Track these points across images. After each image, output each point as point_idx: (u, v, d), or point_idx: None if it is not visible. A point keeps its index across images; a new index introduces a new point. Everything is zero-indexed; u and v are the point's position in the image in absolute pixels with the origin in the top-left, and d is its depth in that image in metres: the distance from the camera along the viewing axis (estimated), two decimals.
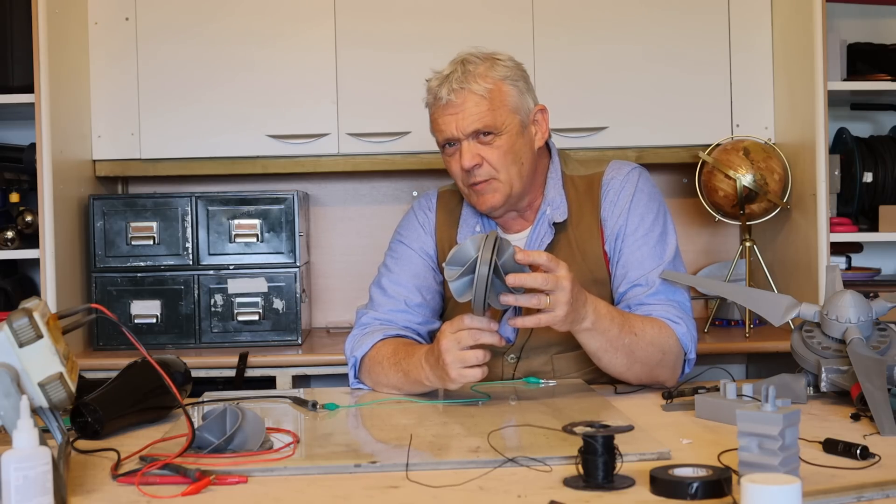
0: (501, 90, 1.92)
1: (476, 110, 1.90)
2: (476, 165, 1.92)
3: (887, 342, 1.71)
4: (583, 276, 1.96)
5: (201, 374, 2.68)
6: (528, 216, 2.04)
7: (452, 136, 1.92)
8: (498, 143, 1.92)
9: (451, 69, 1.93)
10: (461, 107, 1.90)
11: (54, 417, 1.33)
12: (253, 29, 3.01)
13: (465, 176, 1.94)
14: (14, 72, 2.79)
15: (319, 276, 3.28)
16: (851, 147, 2.95)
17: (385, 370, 1.89)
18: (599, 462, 1.24)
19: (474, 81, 1.90)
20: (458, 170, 1.95)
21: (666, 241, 1.97)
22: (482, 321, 1.69)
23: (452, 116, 1.91)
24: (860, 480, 1.24)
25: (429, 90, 1.96)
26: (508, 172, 1.93)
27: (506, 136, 1.92)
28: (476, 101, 1.90)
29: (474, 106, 1.90)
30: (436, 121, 1.95)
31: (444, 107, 1.92)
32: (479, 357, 1.70)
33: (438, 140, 1.97)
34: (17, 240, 2.82)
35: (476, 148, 1.92)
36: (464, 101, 1.90)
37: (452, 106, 1.91)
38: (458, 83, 1.90)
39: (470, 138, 1.91)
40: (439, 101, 1.92)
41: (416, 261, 2.07)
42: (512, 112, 1.93)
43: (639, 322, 1.83)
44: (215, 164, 3.05)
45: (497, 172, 1.93)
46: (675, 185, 3.28)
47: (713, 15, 3.03)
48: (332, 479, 1.33)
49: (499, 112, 1.91)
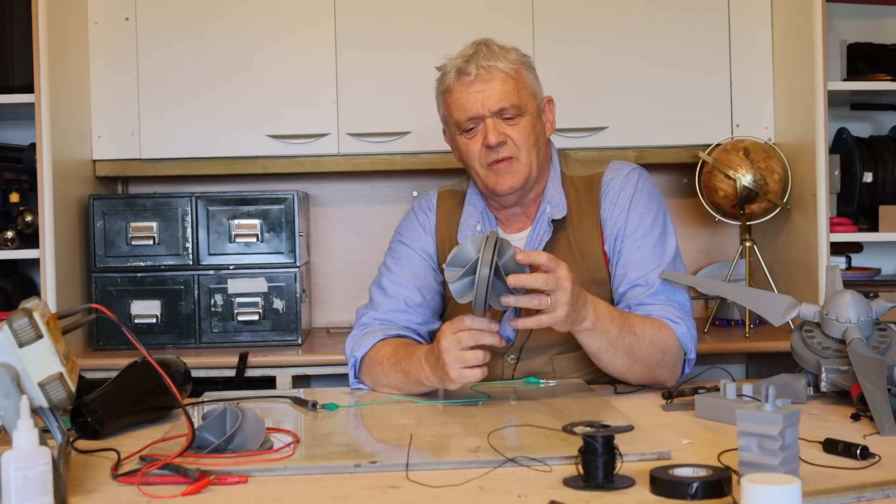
0: (521, 72, 1.94)
1: (502, 88, 1.90)
2: (501, 143, 1.91)
3: (887, 342, 1.71)
4: (582, 277, 1.96)
5: (201, 374, 2.68)
6: (529, 213, 2.04)
7: (477, 114, 1.91)
8: (522, 124, 1.93)
9: (475, 49, 1.93)
10: (488, 83, 1.90)
11: (54, 417, 1.33)
12: (253, 29, 3.01)
13: (485, 155, 1.93)
14: (14, 72, 2.79)
15: (319, 276, 3.28)
16: (851, 147, 2.95)
17: (385, 370, 1.88)
18: (599, 462, 1.24)
19: (501, 60, 1.92)
20: (478, 150, 1.94)
21: (666, 241, 1.97)
22: (482, 322, 1.69)
23: (479, 94, 1.90)
24: (860, 480, 1.24)
25: (447, 71, 1.95)
26: (529, 154, 1.94)
27: (528, 118, 1.93)
28: (503, 79, 1.91)
29: (501, 84, 1.90)
30: (458, 99, 1.93)
31: (469, 83, 1.91)
32: (478, 357, 1.70)
33: (459, 120, 1.94)
34: (17, 240, 2.82)
35: (500, 126, 1.92)
36: (491, 78, 1.90)
37: (480, 82, 1.90)
38: (485, 60, 1.90)
39: (494, 117, 1.91)
40: (465, 78, 1.91)
41: (416, 261, 2.06)
42: (531, 94, 1.96)
43: (639, 322, 1.83)
44: (215, 164, 3.05)
45: (519, 152, 1.93)
46: (675, 185, 3.28)
47: (713, 15, 3.03)
48: (332, 479, 1.33)
49: (522, 92, 1.93)
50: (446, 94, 1.96)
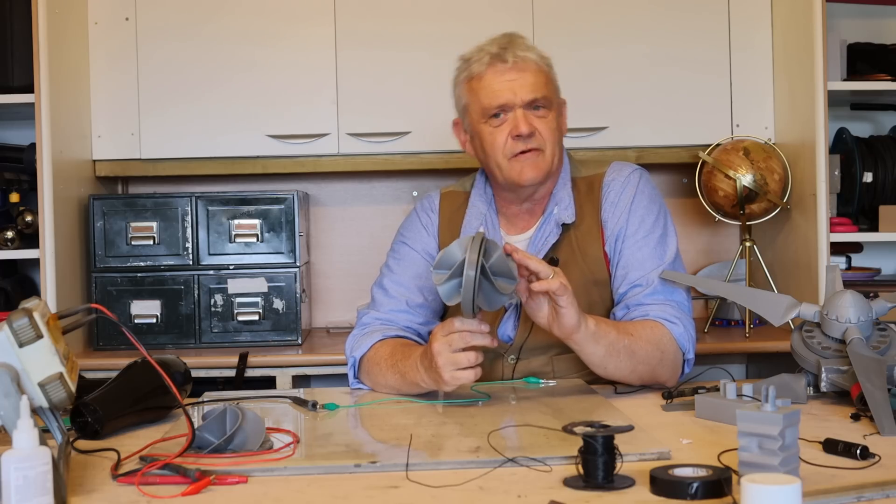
0: (549, 70, 1.97)
1: (535, 80, 1.92)
2: (531, 133, 1.92)
3: (887, 342, 1.71)
4: (583, 277, 1.96)
5: (201, 374, 2.68)
6: (535, 213, 2.04)
7: (508, 102, 1.91)
8: (549, 118, 1.94)
9: (508, 40, 1.94)
10: (523, 73, 1.91)
11: (54, 417, 1.33)
12: (253, 29, 3.01)
13: (511, 146, 1.93)
14: (14, 72, 2.79)
15: (319, 276, 3.28)
16: (851, 147, 2.95)
17: (383, 371, 1.89)
18: (599, 462, 1.24)
19: (534, 53, 1.93)
20: (503, 140, 1.93)
21: (666, 242, 1.97)
22: (472, 323, 1.68)
23: (511, 82, 1.91)
24: (860, 480, 1.24)
25: (476, 57, 1.94)
26: (553, 149, 1.95)
27: (554, 113, 1.96)
28: (536, 71, 1.92)
29: (534, 75, 1.92)
30: (489, 85, 1.92)
31: (504, 70, 1.91)
32: (471, 359, 1.69)
33: (487, 105, 1.93)
34: (17, 240, 2.82)
35: (530, 117, 1.92)
36: (526, 69, 1.91)
37: (516, 70, 1.91)
38: (521, 51, 1.92)
39: (524, 107, 1.91)
40: (500, 65, 1.91)
41: (418, 261, 2.06)
42: (556, 91, 1.98)
43: (631, 325, 1.84)
44: (215, 164, 3.05)
45: (545, 144, 1.94)
46: (675, 185, 3.28)
47: (713, 15, 3.03)
48: (332, 479, 1.33)
49: (550, 87, 1.96)
50: (473, 80, 1.95)
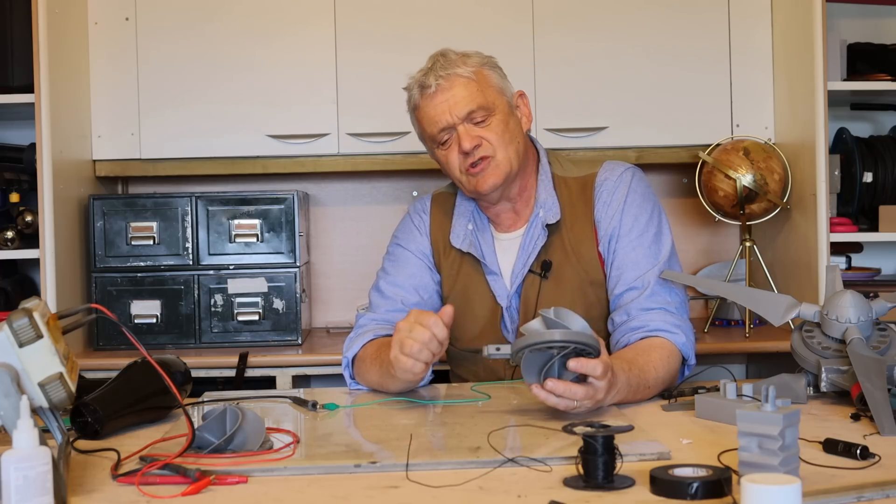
0: (483, 73, 1.97)
1: (465, 92, 1.93)
2: (476, 146, 1.93)
3: (887, 342, 1.71)
4: (578, 278, 1.97)
5: (201, 374, 2.68)
6: (522, 214, 2.04)
7: (447, 124, 1.94)
8: (493, 124, 1.94)
9: (432, 62, 1.97)
10: (451, 91, 1.93)
11: (54, 417, 1.33)
12: (253, 29, 3.01)
13: (463, 161, 1.95)
14: (14, 72, 2.79)
15: (319, 276, 3.28)
16: (851, 147, 2.95)
17: (368, 367, 1.90)
18: (599, 462, 1.24)
19: (459, 66, 1.94)
20: (455, 158, 1.96)
21: (661, 241, 1.97)
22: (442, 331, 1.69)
23: (444, 103, 1.93)
24: (860, 480, 1.24)
25: (412, 88, 1.99)
26: (506, 151, 1.95)
27: (499, 116, 1.95)
28: (464, 84, 1.93)
29: (463, 88, 1.93)
30: (426, 114, 1.96)
31: (433, 95, 1.94)
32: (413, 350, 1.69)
33: (432, 133, 1.97)
34: (17, 240, 2.82)
35: (473, 130, 1.94)
36: (452, 86, 1.93)
37: (442, 92, 1.93)
38: (443, 70, 1.94)
39: (465, 122, 1.93)
40: (427, 91, 1.94)
41: (413, 261, 2.07)
42: (499, 93, 1.97)
43: (651, 370, 1.76)
44: (215, 164, 3.05)
45: (495, 150, 1.94)
46: (675, 185, 3.28)
47: (713, 15, 3.03)
48: (332, 479, 1.33)
49: (487, 92, 1.95)
50: (416, 111, 2.00)
